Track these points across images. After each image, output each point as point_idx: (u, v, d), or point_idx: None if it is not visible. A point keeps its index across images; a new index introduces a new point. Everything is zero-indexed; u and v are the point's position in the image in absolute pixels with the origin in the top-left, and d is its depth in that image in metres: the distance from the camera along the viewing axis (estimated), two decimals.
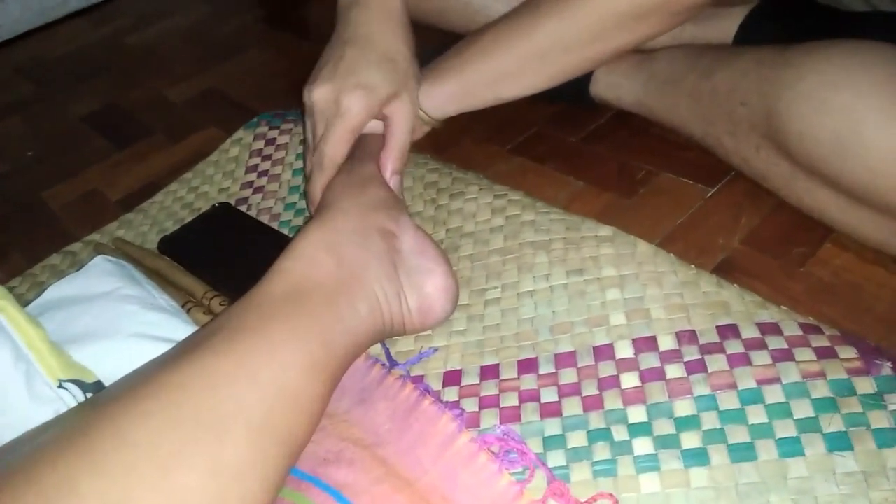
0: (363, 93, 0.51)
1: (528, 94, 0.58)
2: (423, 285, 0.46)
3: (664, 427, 0.39)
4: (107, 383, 0.40)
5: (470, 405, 0.43)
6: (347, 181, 0.50)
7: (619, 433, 0.39)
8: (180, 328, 0.46)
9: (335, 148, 0.51)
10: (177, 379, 0.34)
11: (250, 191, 0.65)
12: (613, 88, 0.62)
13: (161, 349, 0.39)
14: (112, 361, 0.41)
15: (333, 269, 0.42)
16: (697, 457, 0.37)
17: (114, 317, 0.46)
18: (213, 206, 0.63)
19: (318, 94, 0.52)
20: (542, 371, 0.44)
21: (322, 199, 0.50)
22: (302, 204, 0.62)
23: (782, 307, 0.44)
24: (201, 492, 0.30)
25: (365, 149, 0.54)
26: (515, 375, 0.44)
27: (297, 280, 0.41)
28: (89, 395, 0.39)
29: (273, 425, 0.34)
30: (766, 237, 0.51)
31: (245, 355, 0.35)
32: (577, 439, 0.40)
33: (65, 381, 0.38)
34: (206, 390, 0.33)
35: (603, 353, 0.44)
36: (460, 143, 0.67)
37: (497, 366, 0.45)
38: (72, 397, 0.38)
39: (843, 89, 0.41)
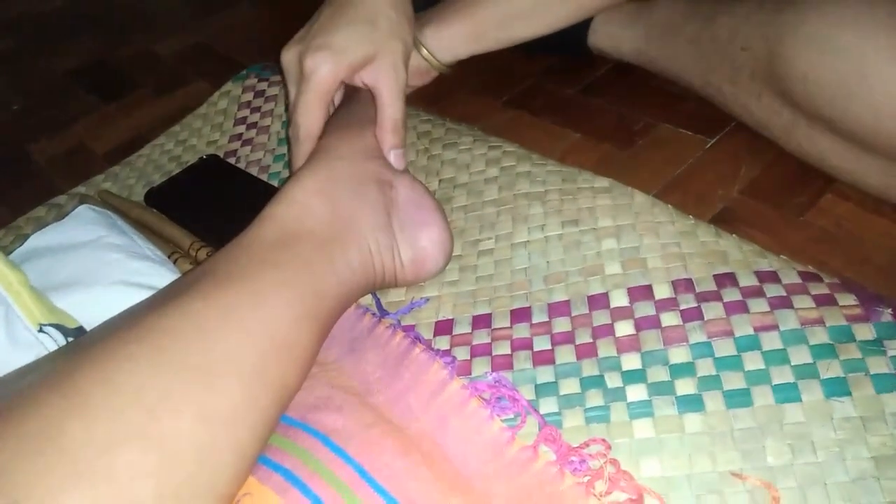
0: (327, 54, 0.46)
1: (543, 34, 0.54)
2: (418, 238, 0.45)
3: (658, 374, 0.38)
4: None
5: (461, 353, 0.42)
6: (345, 125, 0.48)
7: (613, 380, 0.39)
8: (166, 277, 0.45)
9: (306, 116, 0.47)
10: (163, 323, 0.32)
11: (239, 143, 0.64)
12: (612, 38, 0.61)
13: (145, 297, 0.38)
14: (95, 308, 0.40)
15: (326, 216, 0.41)
16: (692, 403, 0.37)
17: (97, 265, 0.44)
18: (201, 158, 0.62)
19: (286, 57, 0.49)
20: (535, 320, 0.43)
21: (318, 142, 0.48)
22: None
23: (782, 256, 0.43)
24: (191, 438, 0.29)
25: (366, 92, 0.51)
26: (508, 324, 0.43)
27: (289, 226, 0.40)
28: (70, 339, 0.38)
29: (264, 373, 0.33)
30: (766, 187, 0.50)
31: (233, 301, 0.34)
32: (569, 386, 0.39)
33: (46, 325, 0.37)
34: (193, 336, 0.32)
35: (597, 301, 0.43)
36: (454, 95, 0.66)
37: (489, 315, 0.44)
38: (53, 342, 0.37)
39: (848, 29, 0.40)
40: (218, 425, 0.31)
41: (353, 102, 0.50)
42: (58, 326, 0.38)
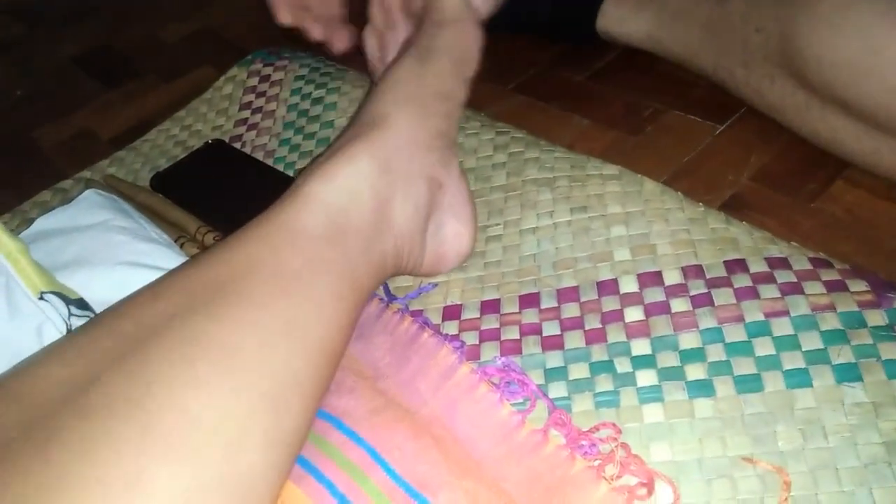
0: None
1: None
2: (443, 242, 0.44)
3: (668, 359, 0.38)
4: (97, 308, 0.39)
5: (470, 338, 0.42)
6: (413, 95, 0.42)
7: (623, 365, 0.38)
8: (172, 259, 0.45)
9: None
10: (224, 337, 0.30)
11: (244, 128, 0.64)
12: (622, 22, 0.60)
13: (152, 278, 0.38)
14: (100, 287, 0.40)
15: (373, 214, 0.38)
16: (702, 388, 0.36)
17: (103, 246, 0.44)
18: (206, 142, 0.62)
19: None
20: (543, 305, 0.43)
21: (379, 99, 0.42)
22: (297, 140, 0.60)
23: (792, 243, 0.43)
24: (263, 468, 0.28)
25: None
26: (517, 309, 0.43)
27: (337, 216, 0.36)
28: (73, 308, 0.37)
29: (320, 389, 0.33)
30: (777, 173, 0.50)
31: (294, 312, 0.32)
32: (579, 371, 0.39)
33: (46, 292, 0.37)
34: (259, 355, 0.30)
35: (607, 287, 0.43)
36: None
37: (498, 300, 0.44)
38: (54, 310, 0.36)
39: (862, 8, 0.40)
40: (282, 451, 0.29)
41: (422, 43, 0.45)
42: (58, 294, 0.37)
